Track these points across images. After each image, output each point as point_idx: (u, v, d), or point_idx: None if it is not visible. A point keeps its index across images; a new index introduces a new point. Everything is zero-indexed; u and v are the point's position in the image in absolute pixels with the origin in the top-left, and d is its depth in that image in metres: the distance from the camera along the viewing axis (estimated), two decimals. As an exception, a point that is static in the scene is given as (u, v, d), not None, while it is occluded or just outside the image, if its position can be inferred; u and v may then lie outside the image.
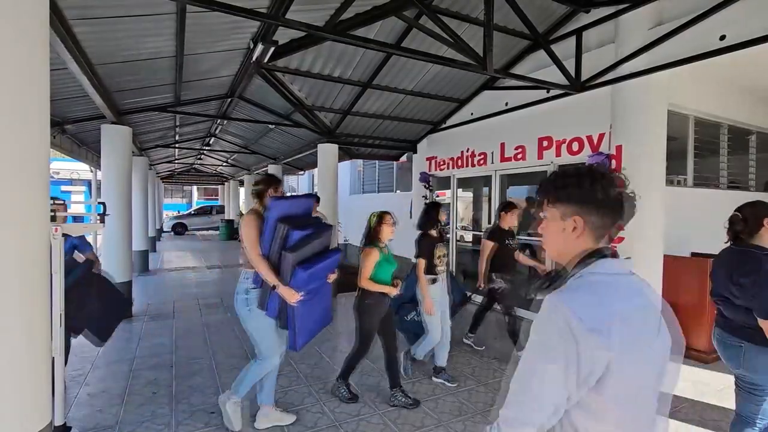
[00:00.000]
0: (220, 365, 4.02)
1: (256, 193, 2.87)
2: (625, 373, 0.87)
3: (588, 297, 0.91)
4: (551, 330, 0.88)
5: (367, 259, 3.18)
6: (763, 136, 5.79)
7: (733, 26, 3.45)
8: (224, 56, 4.66)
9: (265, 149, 10.68)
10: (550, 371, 0.87)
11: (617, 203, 1.00)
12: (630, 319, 0.90)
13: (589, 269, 0.96)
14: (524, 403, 0.92)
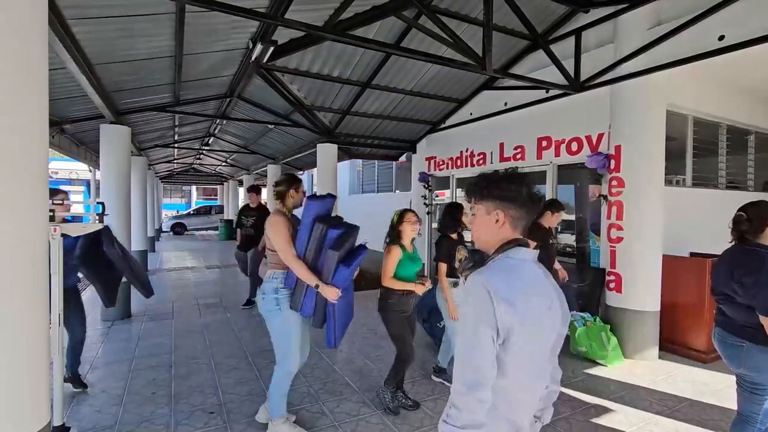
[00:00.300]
0: (220, 365, 4.02)
1: (278, 194, 2.90)
2: (523, 338, 1.11)
3: (502, 275, 1.15)
4: (477, 300, 1.11)
5: (389, 257, 3.09)
6: (761, 137, 5.80)
7: (732, 26, 3.46)
8: (223, 56, 4.65)
9: (264, 149, 10.67)
10: (483, 332, 1.09)
11: (530, 199, 1.23)
12: (529, 295, 1.15)
13: (506, 254, 1.20)
14: (477, 367, 1.09)
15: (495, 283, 1.11)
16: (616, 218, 4.35)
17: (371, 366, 4.07)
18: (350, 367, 4.08)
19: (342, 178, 11.39)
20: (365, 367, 4.04)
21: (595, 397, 3.46)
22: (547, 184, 5.41)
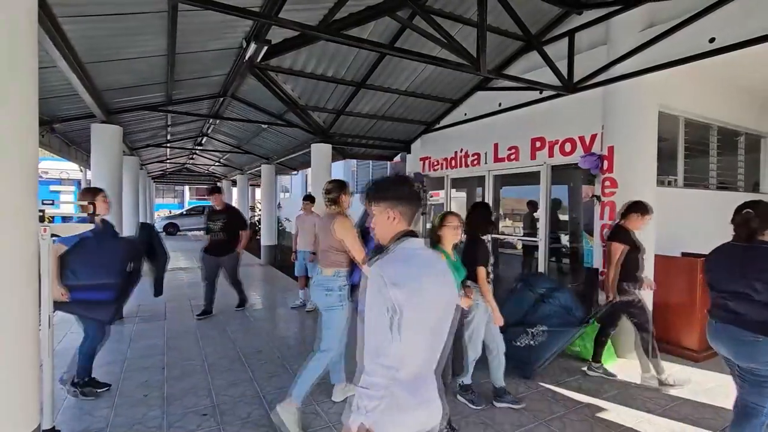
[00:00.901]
0: (213, 366, 3.99)
1: (332, 200, 3.16)
2: (414, 312, 1.34)
3: (392, 262, 1.40)
4: (373, 284, 1.34)
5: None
6: (751, 138, 5.88)
7: (723, 29, 3.50)
8: (217, 55, 4.62)
9: (257, 149, 10.62)
10: (379, 310, 1.32)
11: (413, 196, 1.49)
12: (417, 277, 1.38)
13: (399, 245, 1.44)
14: (378, 340, 1.32)
15: (387, 269, 1.36)
16: (609, 218, 4.38)
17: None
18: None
19: (336, 177, 11.38)
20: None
21: (589, 396, 3.48)
22: (540, 184, 5.43)
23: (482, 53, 3.87)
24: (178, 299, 6.80)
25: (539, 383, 3.72)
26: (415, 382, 1.43)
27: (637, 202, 3.72)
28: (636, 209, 3.67)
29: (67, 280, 3.06)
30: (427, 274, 1.42)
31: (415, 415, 1.44)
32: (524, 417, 3.12)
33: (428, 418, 1.49)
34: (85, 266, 3.13)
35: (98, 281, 3.15)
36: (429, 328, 1.44)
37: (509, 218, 6.76)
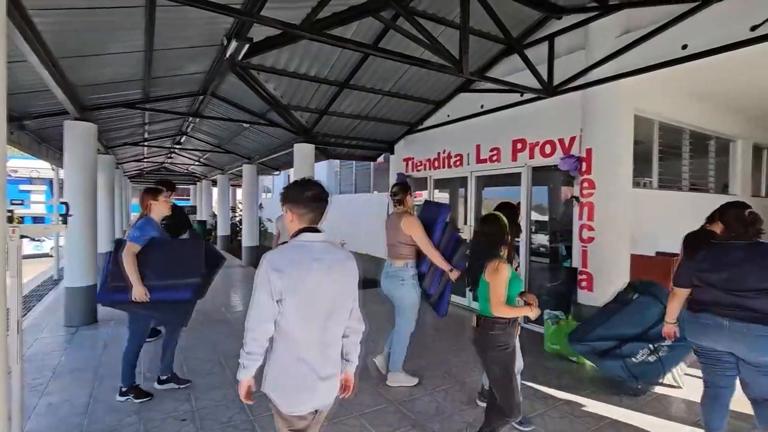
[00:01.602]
0: (193, 369, 3.90)
1: (398, 201, 3.69)
2: (295, 295, 1.60)
3: (280, 252, 1.66)
4: (261, 273, 1.61)
5: (498, 278, 2.33)
6: (721, 141, 6.11)
7: (695, 36, 3.63)
8: (196, 52, 4.53)
9: (239, 148, 10.46)
10: (261, 292, 1.60)
11: (313, 199, 1.69)
12: (300, 264, 1.62)
13: (293, 240, 1.70)
14: (257, 315, 1.61)
15: (272, 258, 1.61)
16: (588, 219, 4.48)
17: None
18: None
19: (319, 178, 11.11)
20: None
21: (568, 393, 3.55)
22: (522, 185, 5.52)
23: (465, 55, 3.90)
24: (155, 302, 6.63)
25: (522, 381, 3.76)
26: (313, 360, 1.65)
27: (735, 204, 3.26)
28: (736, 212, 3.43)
29: (148, 280, 3.08)
30: (313, 263, 1.63)
31: (317, 390, 1.66)
32: (506, 415, 3.16)
33: (324, 394, 1.70)
34: (163, 266, 3.14)
35: (177, 281, 3.16)
36: (316, 310, 1.65)
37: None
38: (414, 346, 4.69)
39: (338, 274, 1.69)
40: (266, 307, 1.58)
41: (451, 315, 6.13)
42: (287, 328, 1.61)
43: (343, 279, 1.72)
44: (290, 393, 1.63)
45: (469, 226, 6.49)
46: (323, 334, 1.67)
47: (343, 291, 1.72)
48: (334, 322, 1.69)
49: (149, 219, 3.28)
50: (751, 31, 3.27)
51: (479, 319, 2.44)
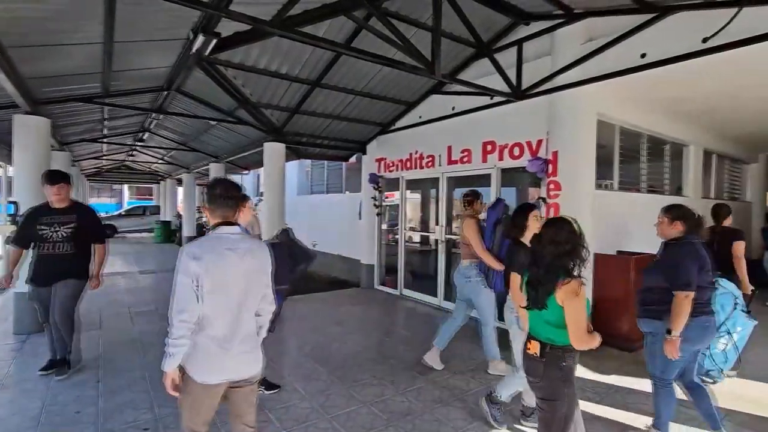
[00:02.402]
0: (156, 377, 3.73)
1: (468, 203, 4.15)
2: (210, 279, 1.80)
3: (198, 242, 1.90)
4: (181, 261, 1.80)
5: (579, 303, 1.93)
6: (675, 146, 6.47)
7: (653, 46, 3.82)
8: (161, 46, 4.34)
9: (206, 146, 10.14)
10: (182, 278, 1.79)
11: (218, 197, 1.92)
12: (215, 252, 1.84)
13: (210, 233, 1.93)
14: (180, 300, 1.79)
15: (190, 248, 1.84)
16: (554, 219, 4.62)
17: (320, 369, 3.99)
18: (299, 371, 3.98)
19: (290, 178, 11.13)
20: (313, 372, 3.95)
21: (536, 388, 3.64)
22: (491, 186, 5.64)
23: (437, 57, 3.94)
24: (115, 306, 6.32)
25: (490, 379, 3.84)
26: (223, 338, 1.85)
27: None
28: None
29: None
30: (226, 251, 1.85)
31: (225, 365, 1.86)
32: (476, 413, 3.21)
33: (243, 367, 1.92)
34: None
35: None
36: (231, 294, 1.86)
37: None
38: (384, 347, 4.70)
39: (250, 261, 1.92)
40: (189, 290, 1.78)
41: (421, 314, 6.20)
42: (204, 311, 1.82)
43: (255, 266, 1.95)
44: (201, 365, 1.85)
45: (440, 226, 6.56)
46: (235, 315, 1.88)
47: (255, 277, 1.95)
48: (246, 304, 1.92)
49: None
50: (703, 42, 3.48)
51: (545, 348, 2.02)
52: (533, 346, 2.08)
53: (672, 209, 2.74)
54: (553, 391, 2.05)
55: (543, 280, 2.01)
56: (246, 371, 1.94)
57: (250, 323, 1.96)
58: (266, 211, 6.73)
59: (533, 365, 2.09)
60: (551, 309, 1.99)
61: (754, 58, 3.62)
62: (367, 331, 5.42)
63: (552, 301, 1.98)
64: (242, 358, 1.91)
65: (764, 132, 7.11)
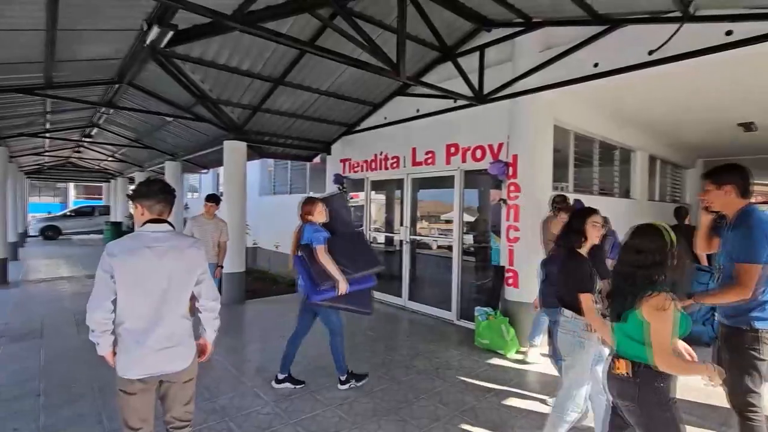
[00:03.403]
0: (106, 388, 3.50)
1: (558, 209, 4.16)
2: (124, 276, 1.85)
3: (119, 240, 1.94)
4: (102, 257, 1.86)
5: (665, 319, 1.74)
6: (624, 152, 6.88)
7: (605, 56, 4.04)
8: (111, 36, 4.09)
9: (161, 144, 9.66)
10: (101, 275, 1.86)
11: (156, 192, 1.97)
12: (134, 250, 1.88)
13: (138, 229, 1.97)
14: (94, 295, 1.87)
15: (110, 246, 1.89)
16: (514, 220, 4.79)
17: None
18: (261, 376, 3.87)
19: (252, 178, 10.80)
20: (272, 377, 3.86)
21: (497, 384, 3.75)
22: (455, 188, 5.74)
23: (402, 59, 3.97)
24: (58, 313, 5.88)
25: (454, 376, 3.91)
26: (139, 332, 1.87)
27: None
28: None
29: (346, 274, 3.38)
30: (145, 249, 1.88)
31: (143, 359, 1.88)
32: (440, 410, 3.26)
33: (163, 363, 1.92)
34: (353, 259, 3.49)
35: (365, 270, 3.54)
36: (147, 291, 1.88)
37: (425, 220, 7.03)
38: (349, 349, 4.66)
39: (174, 259, 1.94)
40: (104, 285, 1.84)
41: (384, 315, 6.21)
42: (120, 305, 1.88)
43: (181, 264, 1.96)
44: (121, 358, 1.89)
45: (405, 227, 6.61)
46: (153, 311, 1.90)
47: (179, 274, 1.96)
48: (168, 301, 1.93)
49: (313, 223, 3.59)
50: (649, 55, 3.72)
51: (636, 367, 1.81)
52: (621, 365, 1.85)
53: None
54: (652, 417, 1.80)
55: (625, 292, 1.84)
56: (168, 367, 1.94)
57: (173, 320, 1.95)
58: (226, 212, 6.49)
59: (624, 387, 1.85)
60: (631, 323, 1.81)
61: (693, 72, 3.92)
62: (332, 333, 5.35)
63: (634, 315, 1.80)
64: (162, 354, 1.91)
65: (701, 140, 7.72)
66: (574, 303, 2.41)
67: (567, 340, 2.52)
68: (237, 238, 6.43)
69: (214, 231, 5.03)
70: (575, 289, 2.41)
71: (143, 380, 1.90)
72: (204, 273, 2.07)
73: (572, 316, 2.49)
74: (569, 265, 2.52)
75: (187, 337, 2.01)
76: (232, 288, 6.62)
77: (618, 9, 3.80)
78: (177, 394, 2.01)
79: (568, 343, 2.52)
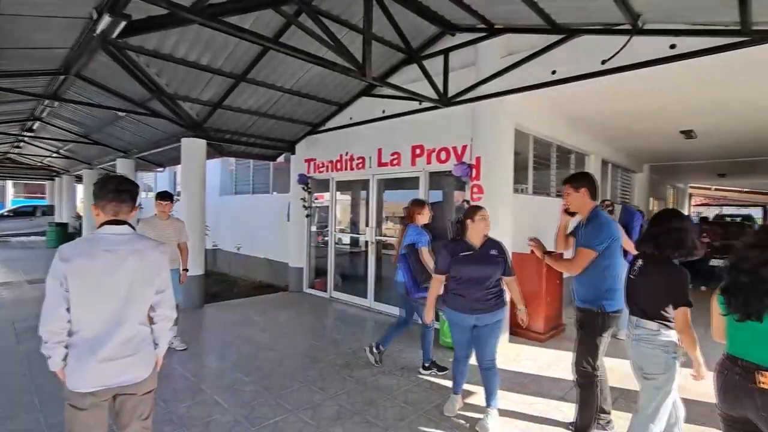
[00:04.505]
0: (47, 402, 3.24)
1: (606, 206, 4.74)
2: (79, 281, 1.71)
3: (73, 243, 1.80)
4: (53, 262, 1.71)
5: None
6: (579, 156, 7.22)
7: (562, 64, 4.22)
8: (56, 23, 3.81)
9: (112, 140, 9.11)
10: (51, 281, 1.71)
11: (109, 191, 1.81)
12: (88, 253, 1.74)
13: (95, 231, 1.82)
14: (45, 305, 1.70)
15: (62, 249, 1.74)
16: (477, 221, 4.89)
17: (244, 380, 3.78)
18: (221, 383, 3.73)
19: (212, 177, 10.42)
20: (237, 381, 3.74)
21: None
22: (420, 189, 5.80)
23: (368, 60, 3.96)
24: (-6, 322, 5.41)
25: (418, 376, 3.95)
26: (95, 340, 1.73)
27: None
28: None
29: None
30: (102, 252, 1.75)
31: (98, 368, 1.73)
32: (406, 410, 3.27)
33: (121, 373, 1.78)
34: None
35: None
36: (102, 297, 1.75)
37: (391, 221, 7.06)
38: (313, 351, 4.60)
39: (135, 264, 1.80)
40: (56, 294, 1.69)
41: (350, 316, 6.18)
42: (74, 313, 1.72)
43: (142, 268, 1.82)
44: (72, 370, 1.73)
45: (371, 228, 6.60)
46: (112, 318, 1.76)
47: (140, 279, 1.82)
48: (128, 308, 1.79)
49: (417, 225, 3.97)
50: (602, 64, 3.92)
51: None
52: (761, 377, 1.68)
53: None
54: None
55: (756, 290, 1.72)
56: (127, 377, 1.80)
57: (132, 328, 1.81)
58: (184, 212, 6.22)
59: (754, 400, 1.70)
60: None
61: (640, 82, 4.18)
62: (295, 336, 5.26)
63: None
64: (120, 364, 1.77)
65: (648, 146, 8.25)
66: (663, 315, 2.22)
67: (658, 356, 2.24)
68: (196, 239, 6.18)
69: (173, 233, 4.53)
70: (678, 302, 2.16)
71: (96, 394, 1.75)
72: (166, 280, 1.93)
73: (659, 328, 2.23)
74: (668, 275, 2.23)
75: (147, 345, 1.88)
76: (190, 291, 6.34)
77: (575, 19, 3.98)
78: (136, 407, 1.86)
79: (660, 360, 2.23)
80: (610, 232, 2.72)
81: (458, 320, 3.10)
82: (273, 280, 8.80)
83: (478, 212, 3.14)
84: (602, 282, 2.72)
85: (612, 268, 2.74)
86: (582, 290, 2.81)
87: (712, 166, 10.65)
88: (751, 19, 3.01)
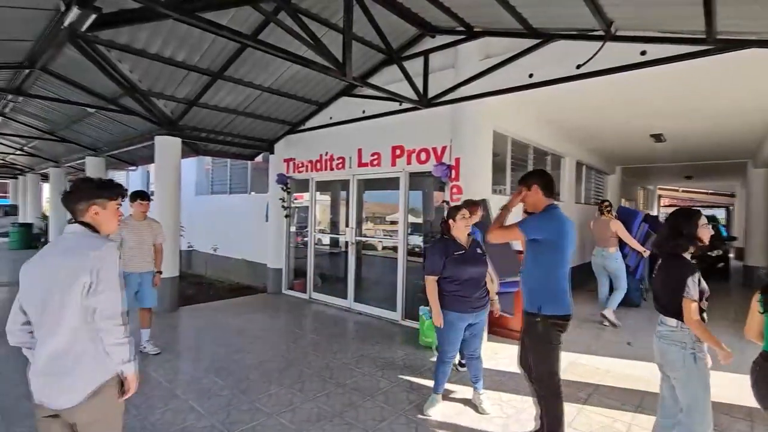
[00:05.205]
0: (9, 410, 3.08)
1: (608, 211, 5.83)
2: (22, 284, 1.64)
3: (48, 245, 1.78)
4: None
5: None
6: (555, 157, 7.40)
7: (539, 68, 4.31)
8: (20, 15, 3.63)
9: (80, 137, 8.76)
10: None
11: (100, 186, 1.78)
12: (44, 252, 1.69)
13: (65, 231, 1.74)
14: (12, 308, 1.66)
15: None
16: (456, 221, 4.93)
17: (220, 383, 3.70)
18: (195, 388, 3.63)
19: (187, 176, 10.15)
20: (214, 386, 3.65)
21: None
22: (400, 189, 5.81)
23: (348, 59, 3.94)
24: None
25: (398, 376, 3.95)
26: (35, 349, 1.62)
27: None
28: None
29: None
30: (38, 255, 1.68)
31: (35, 381, 1.61)
32: (386, 411, 3.27)
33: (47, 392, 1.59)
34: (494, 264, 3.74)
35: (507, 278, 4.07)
36: (30, 304, 1.62)
37: (371, 221, 7.06)
38: (292, 354, 4.55)
39: (55, 266, 1.60)
40: (16, 299, 1.66)
41: (330, 317, 6.14)
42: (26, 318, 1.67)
43: (65, 266, 1.59)
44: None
45: (351, 228, 6.57)
46: (39, 326, 1.62)
47: (58, 285, 1.57)
48: (52, 315, 1.58)
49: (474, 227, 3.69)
50: (577, 68, 4.02)
51: None
52: None
53: None
54: None
55: None
56: (53, 401, 1.58)
57: (62, 341, 1.57)
58: (158, 212, 6.04)
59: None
60: None
61: (613, 87, 4.31)
62: (274, 338, 5.18)
63: None
64: (46, 383, 1.59)
65: (620, 149, 8.52)
66: (679, 310, 2.21)
67: (675, 353, 2.25)
68: (171, 240, 6.00)
69: (149, 234, 4.39)
70: (678, 294, 2.20)
71: (39, 407, 1.62)
72: (102, 282, 1.59)
73: (678, 325, 2.24)
74: (676, 270, 2.27)
75: (81, 364, 1.59)
76: (164, 294, 6.15)
77: (551, 24, 4.08)
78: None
79: (678, 357, 2.24)
80: (552, 226, 2.57)
81: (459, 321, 3.15)
82: (251, 282, 8.65)
83: (458, 212, 3.26)
84: (543, 281, 2.57)
85: (554, 268, 2.56)
86: (525, 290, 2.70)
87: (679, 168, 11.09)
88: (716, 28, 3.15)
